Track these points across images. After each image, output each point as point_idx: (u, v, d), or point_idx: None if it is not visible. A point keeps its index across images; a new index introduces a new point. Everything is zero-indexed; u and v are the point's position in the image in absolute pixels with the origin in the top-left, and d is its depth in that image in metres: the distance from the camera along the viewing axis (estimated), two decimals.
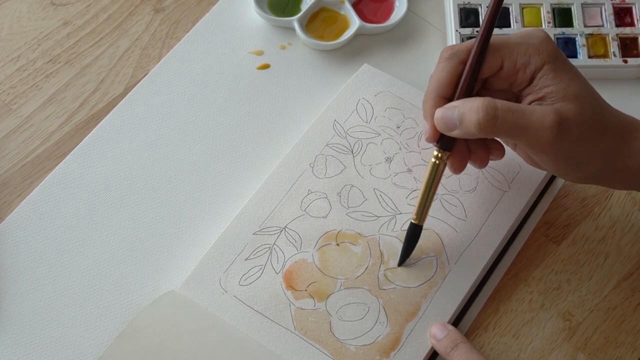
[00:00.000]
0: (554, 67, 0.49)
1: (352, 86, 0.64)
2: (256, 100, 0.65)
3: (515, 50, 0.50)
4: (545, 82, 0.49)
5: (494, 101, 0.47)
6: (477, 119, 0.47)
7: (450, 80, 0.51)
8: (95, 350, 0.55)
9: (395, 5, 0.69)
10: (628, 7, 0.68)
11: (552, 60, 0.49)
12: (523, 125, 0.47)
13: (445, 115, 0.49)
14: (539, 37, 0.50)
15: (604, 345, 0.56)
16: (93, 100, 0.65)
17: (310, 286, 0.56)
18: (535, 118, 0.47)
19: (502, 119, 0.47)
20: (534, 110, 0.47)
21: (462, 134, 0.49)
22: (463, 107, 0.48)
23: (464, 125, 0.48)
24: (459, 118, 0.48)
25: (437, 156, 0.52)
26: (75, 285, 0.57)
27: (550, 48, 0.49)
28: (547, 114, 0.47)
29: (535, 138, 0.47)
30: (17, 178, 0.62)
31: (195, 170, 0.62)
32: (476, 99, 0.48)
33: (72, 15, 0.69)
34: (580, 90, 0.49)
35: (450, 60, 0.51)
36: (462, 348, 0.53)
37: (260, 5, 0.68)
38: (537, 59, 0.49)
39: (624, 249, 0.59)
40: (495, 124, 0.47)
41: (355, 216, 0.59)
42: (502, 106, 0.47)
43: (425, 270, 0.57)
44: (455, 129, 0.49)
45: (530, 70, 0.49)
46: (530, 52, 0.49)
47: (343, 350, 0.54)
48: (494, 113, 0.47)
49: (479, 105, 0.47)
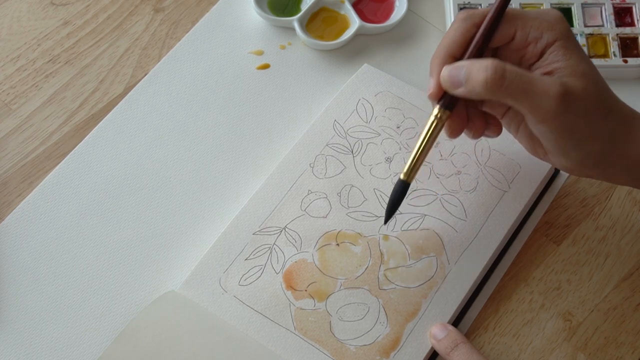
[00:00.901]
0: (565, 45, 0.49)
1: (352, 86, 0.64)
2: (256, 100, 0.65)
3: (529, 23, 0.50)
4: (556, 57, 0.49)
5: (503, 62, 0.47)
6: (484, 77, 0.47)
7: (462, 40, 0.51)
8: (95, 350, 0.55)
9: (395, 5, 0.69)
10: (628, 7, 0.68)
11: (564, 38, 0.49)
12: (529, 90, 0.47)
13: (452, 72, 0.49)
14: (554, 15, 0.50)
15: (604, 345, 0.56)
16: (93, 100, 0.65)
17: (310, 286, 0.56)
18: (542, 85, 0.47)
19: (510, 80, 0.47)
20: (542, 78, 0.48)
21: (467, 92, 0.49)
22: (471, 65, 0.48)
23: (470, 83, 0.48)
24: (466, 76, 0.48)
25: (437, 115, 0.51)
26: (75, 285, 0.57)
27: (564, 27, 0.50)
28: (554, 83, 0.47)
29: (539, 105, 0.47)
30: (17, 178, 0.62)
31: (195, 170, 0.62)
32: (485, 59, 0.48)
33: (72, 15, 0.69)
34: (588, 70, 0.49)
35: (464, 21, 0.51)
36: (462, 348, 0.53)
37: (260, 5, 0.68)
38: (550, 35, 0.49)
39: (624, 249, 0.59)
40: (503, 84, 0.47)
41: (355, 216, 0.59)
42: (511, 68, 0.47)
43: (425, 270, 0.57)
44: (461, 87, 0.49)
45: (541, 44, 0.50)
46: (544, 27, 0.49)
47: (343, 350, 0.54)
48: (502, 73, 0.47)
49: (487, 64, 0.47)
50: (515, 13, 0.51)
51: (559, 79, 0.48)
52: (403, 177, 0.53)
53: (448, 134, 0.53)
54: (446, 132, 0.53)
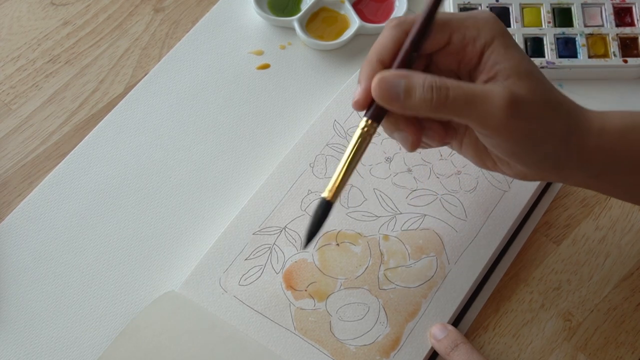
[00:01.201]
0: (505, 43, 0.46)
1: (352, 86, 0.64)
2: (256, 100, 0.65)
3: (463, 23, 0.47)
4: (497, 58, 0.46)
5: (444, 79, 0.44)
6: (429, 96, 0.44)
7: (392, 46, 0.47)
8: (95, 350, 0.55)
9: (395, 5, 0.69)
10: (628, 7, 0.68)
11: (501, 35, 0.46)
12: (474, 102, 0.44)
13: (389, 83, 0.45)
14: (488, 15, 0.47)
15: (604, 345, 0.56)
16: (93, 100, 0.65)
17: (310, 286, 0.56)
18: (487, 96, 0.44)
19: (453, 98, 0.44)
20: (486, 88, 0.45)
21: (403, 109, 0.45)
22: (410, 79, 0.44)
23: (410, 100, 0.44)
24: (405, 90, 0.44)
25: (364, 127, 0.46)
26: (75, 285, 0.57)
27: (499, 24, 0.47)
28: (500, 92, 0.44)
29: (487, 117, 0.45)
30: (17, 178, 0.62)
31: (195, 170, 0.62)
32: (425, 74, 0.44)
33: (72, 15, 0.69)
34: (531, 68, 0.46)
35: (395, 28, 0.47)
36: (462, 348, 0.53)
37: (260, 5, 0.68)
38: (487, 33, 0.46)
39: (624, 249, 0.59)
40: (446, 103, 0.44)
41: (355, 216, 0.59)
42: (453, 84, 0.44)
43: (425, 270, 0.57)
44: (397, 102, 0.45)
45: (480, 43, 0.46)
46: (480, 25, 0.46)
47: (343, 350, 0.54)
48: (445, 92, 0.44)
49: (430, 82, 0.44)
50: (448, 17, 0.48)
51: (503, 85, 0.45)
52: (326, 196, 0.47)
53: (407, 148, 0.48)
54: (404, 146, 0.48)
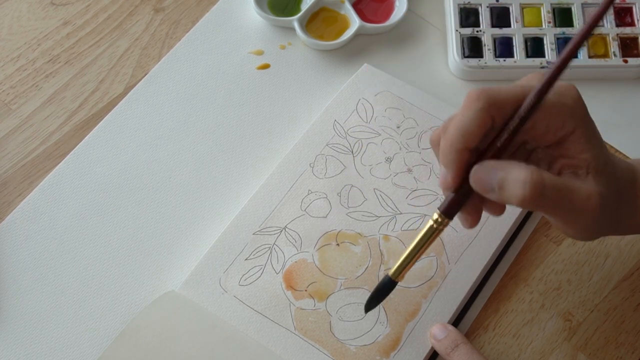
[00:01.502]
0: (586, 132, 0.45)
1: (352, 86, 0.64)
2: (256, 100, 0.65)
3: (549, 112, 0.45)
4: (578, 147, 0.45)
5: (542, 176, 0.43)
6: (522, 194, 0.43)
7: (480, 132, 0.45)
8: (95, 350, 0.55)
9: (395, 5, 0.69)
10: (628, 7, 0.68)
11: (584, 125, 0.45)
12: (567, 207, 0.45)
13: (485, 176, 0.45)
14: (572, 97, 0.46)
15: (604, 345, 0.56)
16: (93, 100, 0.65)
17: (310, 286, 0.56)
18: (581, 201, 0.44)
19: (548, 198, 0.43)
20: (579, 190, 0.44)
21: (497, 200, 0.45)
22: (507, 173, 0.44)
23: (504, 193, 0.44)
24: (500, 184, 0.44)
25: (437, 220, 0.47)
26: (75, 285, 0.57)
27: (583, 110, 0.46)
28: (592, 196, 0.44)
29: (576, 220, 0.45)
30: (17, 178, 0.62)
31: (195, 170, 0.62)
32: (522, 169, 0.43)
33: (72, 15, 0.69)
34: (606, 158, 0.46)
35: (483, 111, 0.44)
36: (463, 348, 0.53)
37: (260, 5, 0.68)
38: (570, 123, 0.45)
39: (624, 249, 0.59)
40: (540, 202, 0.44)
41: (355, 216, 0.59)
42: (549, 183, 0.43)
43: (425, 270, 0.57)
44: (492, 193, 0.44)
45: (560, 133, 0.45)
46: (565, 114, 0.45)
47: (343, 350, 0.54)
48: (541, 191, 0.43)
49: (525, 178, 0.43)
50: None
51: (592, 183, 0.45)
52: (392, 276, 0.50)
53: (466, 226, 0.48)
54: (464, 225, 0.48)
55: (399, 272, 0.49)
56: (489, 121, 0.45)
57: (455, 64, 0.66)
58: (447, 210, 0.47)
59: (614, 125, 0.64)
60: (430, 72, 0.67)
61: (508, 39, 0.66)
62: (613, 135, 0.64)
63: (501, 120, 0.45)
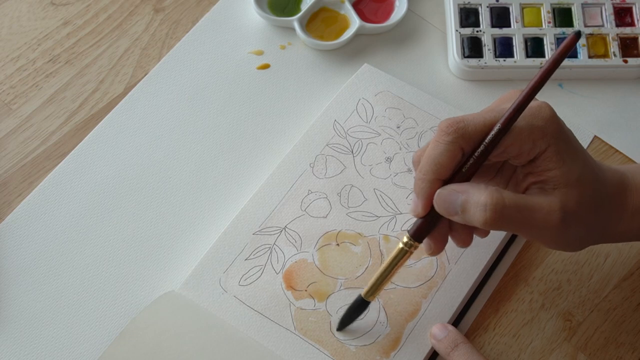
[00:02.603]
0: (557, 149, 0.46)
1: (352, 86, 0.64)
2: (256, 100, 0.65)
3: (519, 137, 0.46)
4: (549, 164, 0.46)
5: (502, 197, 0.45)
6: (483, 217, 0.45)
7: (450, 164, 0.47)
8: (95, 350, 0.55)
9: (395, 5, 0.69)
10: (628, 7, 0.68)
11: (555, 142, 0.46)
12: (529, 223, 0.46)
13: (448, 199, 0.47)
14: (543, 118, 0.47)
15: (604, 345, 0.56)
16: (93, 100, 0.65)
17: (310, 286, 0.56)
18: (542, 216, 0.46)
19: (509, 218, 0.45)
20: (540, 206, 0.46)
21: (462, 222, 0.47)
22: (468, 196, 0.46)
23: (467, 216, 0.46)
24: (462, 207, 0.46)
25: (407, 243, 0.50)
26: (75, 285, 0.57)
27: (556, 129, 0.47)
28: (553, 211, 0.46)
29: (540, 234, 0.47)
30: (17, 178, 0.62)
31: (195, 170, 0.62)
32: (482, 191, 0.45)
33: (72, 15, 0.69)
34: (581, 172, 0.47)
35: (452, 144, 0.46)
36: (463, 348, 0.53)
37: (260, 5, 0.68)
38: (542, 143, 0.46)
39: (624, 249, 0.59)
40: (502, 222, 0.45)
41: (356, 216, 0.59)
42: (509, 203, 0.45)
43: (425, 270, 0.57)
44: (456, 216, 0.47)
45: (533, 153, 0.47)
46: (535, 136, 0.46)
47: (343, 350, 0.54)
48: (501, 212, 0.45)
49: (486, 202, 0.45)
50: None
51: (555, 197, 0.46)
52: (364, 296, 0.52)
53: (429, 254, 0.51)
54: (427, 252, 0.51)
55: (371, 292, 0.52)
56: (460, 153, 0.47)
57: (455, 64, 0.66)
58: (416, 234, 0.50)
59: (614, 125, 0.64)
60: (430, 72, 0.67)
61: (508, 39, 0.66)
62: (613, 135, 0.64)
63: (471, 149, 0.47)
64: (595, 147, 0.63)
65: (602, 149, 0.63)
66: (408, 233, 0.50)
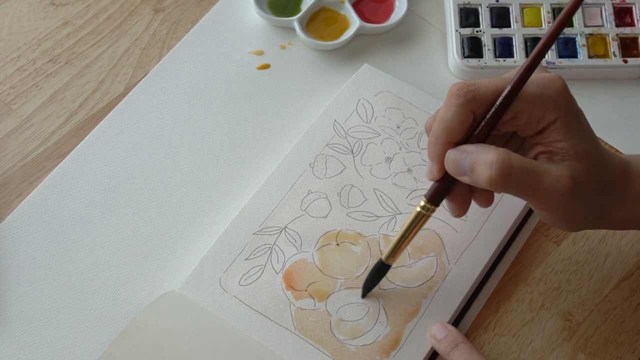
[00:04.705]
0: (567, 122, 0.46)
1: (352, 86, 0.64)
2: (256, 100, 0.65)
3: (530, 103, 0.46)
4: (557, 136, 0.46)
5: (509, 157, 0.45)
6: (489, 175, 0.45)
7: (462, 127, 0.47)
8: (95, 350, 0.55)
9: (395, 5, 0.69)
10: (628, 7, 0.68)
11: (565, 115, 0.46)
12: (536, 187, 0.46)
13: (457, 158, 0.47)
14: (556, 89, 0.46)
15: (604, 345, 0.56)
16: (93, 100, 0.65)
17: (310, 286, 0.56)
18: (550, 182, 0.45)
19: (515, 179, 0.45)
20: (548, 172, 0.46)
21: (471, 182, 0.47)
22: (477, 155, 0.46)
23: (474, 175, 0.46)
24: (471, 166, 0.46)
25: (424, 206, 0.50)
26: (75, 285, 0.57)
27: (567, 101, 0.47)
28: (562, 178, 0.45)
29: (546, 201, 0.46)
30: (17, 178, 0.62)
31: (195, 170, 0.62)
32: (490, 151, 0.45)
33: (72, 15, 0.69)
34: (589, 147, 0.47)
35: (463, 107, 0.46)
36: (463, 348, 0.53)
37: (260, 5, 0.68)
38: (552, 114, 0.46)
39: (624, 249, 0.59)
40: (508, 182, 0.45)
41: (356, 216, 0.59)
42: (517, 164, 0.45)
43: (425, 270, 0.57)
44: (465, 176, 0.47)
45: (542, 123, 0.47)
46: (546, 105, 0.46)
47: (343, 350, 0.54)
48: (508, 171, 0.45)
49: (493, 159, 0.45)
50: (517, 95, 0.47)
51: (564, 167, 0.46)
52: (384, 259, 0.53)
53: (454, 215, 0.51)
54: (452, 214, 0.51)
55: (391, 255, 0.53)
56: (470, 116, 0.47)
57: (455, 64, 0.66)
58: (432, 197, 0.50)
59: (614, 125, 0.64)
60: (430, 72, 0.67)
61: (508, 39, 0.66)
62: (613, 135, 0.64)
63: (482, 113, 0.47)
64: None
65: None
66: (425, 197, 0.50)
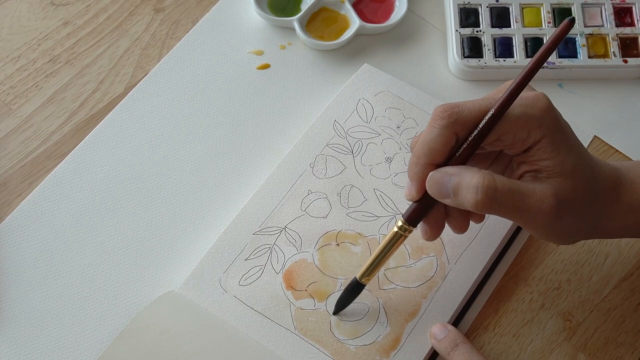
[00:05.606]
0: (553, 140, 0.46)
1: (352, 86, 0.64)
2: (256, 100, 0.65)
3: (514, 125, 0.46)
4: (543, 155, 0.46)
5: (494, 181, 0.45)
6: (474, 199, 0.45)
7: (444, 149, 0.47)
8: (95, 350, 0.55)
9: (395, 5, 0.69)
10: (628, 7, 0.68)
11: (551, 133, 0.46)
12: (521, 208, 0.46)
13: (440, 181, 0.46)
14: (540, 108, 0.46)
15: (604, 345, 0.56)
16: (93, 100, 0.65)
17: (310, 286, 0.56)
18: (534, 202, 0.45)
19: (501, 202, 0.45)
20: (533, 192, 0.46)
21: (454, 205, 0.47)
22: (460, 178, 0.46)
23: (458, 198, 0.46)
24: (454, 189, 0.46)
25: (401, 227, 0.49)
26: (75, 285, 0.57)
27: (551, 119, 0.46)
28: (546, 197, 0.45)
29: (532, 221, 0.47)
30: (17, 178, 0.62)
31: (195, 170, 0.62)
32: (475, 174, 0.45)
33: (72, 15, 0.69)
34: (577, 162, 0.47)
35: (446, 129, 0.46)
36: (462, 348, 0.53)
37: (260, 5, 0.68)
38: (537, 133, 0.46)
39: (624, 249, 0.59)
40: (494, 205, 0.45)
41: (355, 216, 0.59)
42: (502, 187, 0.45)
43: (425, 270, 0.57)
44: (448, 198, 0.46)
45: (528, 142, 0.47)
46: (531, 125, 0.46)
47: (343, 350, 0.54)
48: (493, 195, 0.45)
49: (478, 184, 0.45)
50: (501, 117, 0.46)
51: (549, 185, 0.46)
52: (358, 278, 0.52)
53: (425, 238, 0.50)
54: (423, 237, 0.50)
55: (366, 275, 0.52)
56: (453, 138, 0.47)
57: (455, 64, 0.66)
58: (410, 217, 0.49)
59: (614, 125, 0.64)
60: (430, 72, 0.67)
61: (508, 39, 0.66)
62: (613, 135, 0.64)
63: (465, 135, 0.47)
64: (595, 147, 0.63)
65: (602, 149, 0.63)
66: (402, 217, 0.49)
